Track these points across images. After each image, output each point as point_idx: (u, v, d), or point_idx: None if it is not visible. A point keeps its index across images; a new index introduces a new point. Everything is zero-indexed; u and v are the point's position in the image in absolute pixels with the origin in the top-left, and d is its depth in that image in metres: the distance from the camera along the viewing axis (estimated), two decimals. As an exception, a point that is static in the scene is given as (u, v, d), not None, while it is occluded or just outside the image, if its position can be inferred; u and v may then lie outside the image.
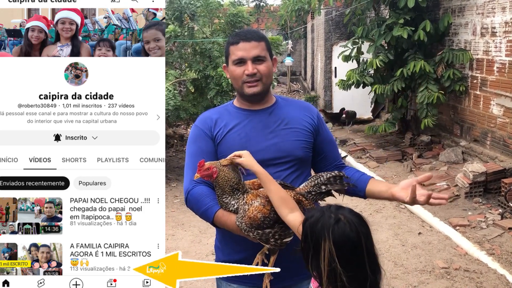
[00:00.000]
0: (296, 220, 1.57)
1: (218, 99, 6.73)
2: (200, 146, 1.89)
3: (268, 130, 1.87)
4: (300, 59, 19.50)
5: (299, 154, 1.88)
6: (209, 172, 1.65)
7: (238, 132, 1.86)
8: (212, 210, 1.75)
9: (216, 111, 1.97)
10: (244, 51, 1.82)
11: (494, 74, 6.32)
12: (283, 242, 1.66)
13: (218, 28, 7.50)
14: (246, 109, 1.92)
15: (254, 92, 1.85)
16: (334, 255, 1.32)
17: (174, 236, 5.17)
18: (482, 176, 5.72)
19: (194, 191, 1.81)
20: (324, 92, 11.82)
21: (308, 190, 1.73)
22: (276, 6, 18.28)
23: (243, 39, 1.84)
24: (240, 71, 1.84)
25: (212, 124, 1.90)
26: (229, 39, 1.91)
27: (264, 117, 1.89)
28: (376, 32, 7.68)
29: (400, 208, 5.71)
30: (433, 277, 4.00)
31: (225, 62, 1.95)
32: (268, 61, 1.87)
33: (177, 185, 7.05)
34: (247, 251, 1.78)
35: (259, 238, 1.65)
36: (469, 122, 7.06)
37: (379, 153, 8.07)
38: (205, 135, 1.89)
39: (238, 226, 1.67)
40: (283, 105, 1.95)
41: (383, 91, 7.71)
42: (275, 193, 1.62)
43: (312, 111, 1.99)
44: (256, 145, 1.83)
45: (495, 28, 6.24)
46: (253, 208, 1.63)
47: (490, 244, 4.54)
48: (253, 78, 1.83)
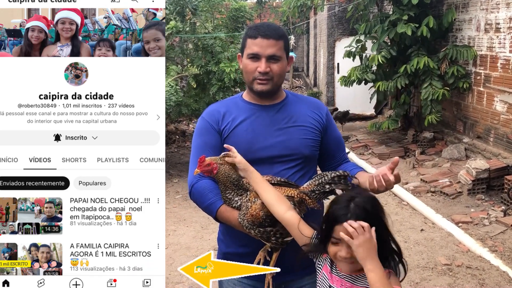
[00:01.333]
0: (294, 218, 1.58)
1: (220, 94, 6.72)
2: (205, 140, 1.88)
3: (276, 127, 1.86)
4: (302, 55, 19.44)
5: (306, 152, 1.87)
6: (209, 168, 1.66)
7: (245, 127, 1.85)
8: (215, 206, 1.76)
9: (224, 104, 1.96)
10: (261, 48, 1.79)
11: (498, 70, 6.29)
12: (284, 241, 1.67)
13: (220, 23, 7.48)
14: (255, 103, 1.90)
15: (263, 90, 1.84)
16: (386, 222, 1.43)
17: (175, 231, 5.18)
18: (485, 173, 5.70)
19: (198, 185, 1.82)
20: (326, 88, 11.79)
21: (312, 189, 1.72)
22: (278, 1, 18.21)
23: (261, 35, 1.80)
24: (253, 67, 1.82)
25: (219, 117, 1.88)
26: (248, 30, 1.87)
27: (273, 113, 1.88)
28: (379, 28, 7.64)
29: (402, 205, 5.71)
30: (435, 274, 4.00)
31: (240, 51, 1.92)
32: (283, 61, 1.84)
33: (179, 181, 7.06)
34: (250, 246, 1.78)
35: (260, 236, 1.66)
36: (472, 118, 7.04)
37: (382, 149, 8.06)
38: (211, 128, 1.88)
39: (240, 223, 1.67)
40: (292, 101, 1.94)
41: (386, 87, 7.68)
42: (269, 192, 1.62)
43: (321, 108, 1.97)
44: (263, 142, 1.83)
45: (499, 24, 6.20)
46: (256, 205, 1.64)
47: (493, 241, 4.54)
48: (264, 77, 1.81)
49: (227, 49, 6.94)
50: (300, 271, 1.84)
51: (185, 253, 4.61)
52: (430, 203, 5.66)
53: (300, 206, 1.68)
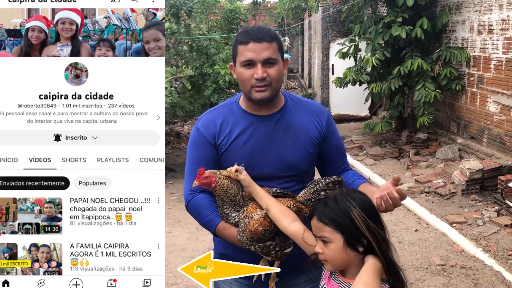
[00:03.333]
0: (299, 229, 1.58)
1: (215, 96, 6.72)
2: (201, 153, 1.82)
3: (274, 140, 1.79)
4: (297, 56, 19.47)
5: (303, 167, 1.83)
6: (207, 181, 1.64)
7: (242, 141, 1.78)
8: (213, 223, 1.74)
9: (220, 113, 1.86)
10: (254, 53, 1.69)
11: (491, 71, 6.34)
12: (284, 253, 1.66)
13: (215, 25, 7.48)
14: (253, 114, 1.82)
15: (262, 98, 1.73)
16: (365, 217, 1.42)
17: (171, 233, 5.18)
18: (479, 174, 5.74)
19: (193, 201, 1.80)
20: (321, 89, 11.82)
21: (308, 197, 1.71)
22: (273, 2, 18.23)
23: (253, 40, 1.69)
24: (248, 74, 1.71)
25: (216, 131, 1.81)
26: (237, 36, 1.77)
27: (271, 126, 1.80)
28: (373, 29, 7.68)
29: (397, 206, 5.73)
30: (429, 274, 4.03)
31: (232, 61, 1.81)
32: (279, 64, 1.74)
33: (174, 182, 7.05)
34: (248, 252, 1.73)
35: (260, 251, 1.65)
36: (466, 119, 7.09)
37: (376, 150, 8.09)
38: (207, 142, 1.81)
39: (240, 240, 1.66)
40: (292, 108, 1.85)
41: (380, 89, 7.71)
42: (274, 206, 1.62)
43: (322, 115, 1.89)
44: (261, 158, 1.78)
45: (492, 25, 6.26)
46: (254, 221, 1.63)
47: (487, 241, 4.57)
48: (262, 83, 1.71)
49: (222, 51, 6.94)
50: (296, 269, 1.83)
51: (180, 255, 4.60)
52: (424, 203, 5.70)
53: (298, 215, 1.67)
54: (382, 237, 1.43)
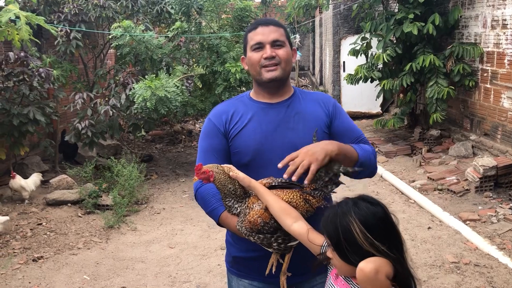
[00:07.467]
0: (302, 228, 1.55)
1: (226, 94, 6.72)
2: (211, 143, 1.85)
3: (285, 126, 1.82)
4: (308, 54, 19.42)
5: None
6: (205, 175, 1.64)
7: (253, 127, 1.81)
8: (217, 212, 1.76)
9: (231, 104, 1.91)
10: (263, 35, 1.79)
11: (505, 67, 6.25)
12: (288, 246, 1.64)
13: (225, 23, 7.47)
14: (263, 102, 1.86)
15: (272, 77, 1.79)
16: (365, 232, 1.33)
17: (183, 231, 5.20)
18: (493, 170, 5.67)
19: (201, 189, 1.82)
20: (332, 86, 11.76)
21: (313, 187, 1.67)
22: (283, 0, 18.17)
23: (261, 24, 1.82)
24: (258, 56, 1.79)
25: (227, 118, 1.84)
26: (247, 28, 1.89)
27: (282, 112, 1.84)
28: (385, 26, 7.62)
29: (409, 203, 5.69)
30: (442, 272, 3.98)
31: (243, 54, 1.89)
32: (287, 47, 1.82)
33: (186, 180, 7.08)
34: (262, 249, 1.72)
35: (260, 242, 1.63)
36: (479, 115, 7.00)
37: (388, 147, 8.03)
38: (217, 131, 1.84)
39: (239, 230, 1.66)
40: (301, 97, 1.90)
41: (392, 86, 7.65)
42: (275, 204, 1.59)
43: (328, 102, 1.92)
44: (272, 143, 1.79)
45: (506, 20, 6.16)
46: (254, 212, 1.62)
47: (501, 239, 4.51)
48: (271, 62, 1.77)
49: (233, 49, 6.94)
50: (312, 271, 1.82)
51: (192, 252, 4.61)
52: (437, 201, 5.64)
53: (306, 206, 1.64)
54: (396, 248, 1.37)
